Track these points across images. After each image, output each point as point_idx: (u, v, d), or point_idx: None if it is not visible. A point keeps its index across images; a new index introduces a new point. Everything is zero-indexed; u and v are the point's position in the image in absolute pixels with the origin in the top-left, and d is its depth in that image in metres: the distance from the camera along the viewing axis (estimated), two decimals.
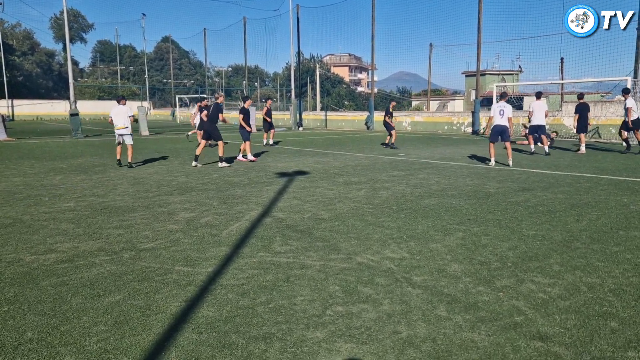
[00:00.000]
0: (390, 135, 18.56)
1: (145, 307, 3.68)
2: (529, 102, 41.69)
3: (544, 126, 15.91)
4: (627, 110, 15.28)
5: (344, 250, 5.13)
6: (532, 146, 15.77)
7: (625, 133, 15.79)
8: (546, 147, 15.40)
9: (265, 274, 4.42)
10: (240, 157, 13.99)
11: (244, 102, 14.90)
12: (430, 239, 5.54)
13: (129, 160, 12.34)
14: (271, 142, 19.82)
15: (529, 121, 16.30)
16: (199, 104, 19.44)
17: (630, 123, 15.37)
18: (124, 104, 12.48)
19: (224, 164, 12.43)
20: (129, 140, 12.36)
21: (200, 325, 3.40)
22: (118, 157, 12.44)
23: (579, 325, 3.37)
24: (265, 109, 19.86)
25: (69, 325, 3.38)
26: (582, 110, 16.22)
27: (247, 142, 14.04)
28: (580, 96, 16.82)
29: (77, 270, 4.50)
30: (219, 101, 13.32)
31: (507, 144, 12.48)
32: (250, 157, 13.94)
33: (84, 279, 4.28)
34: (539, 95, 16.41)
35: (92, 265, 4.64)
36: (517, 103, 31.65)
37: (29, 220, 6.52)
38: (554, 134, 20.45)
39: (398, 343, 3.15)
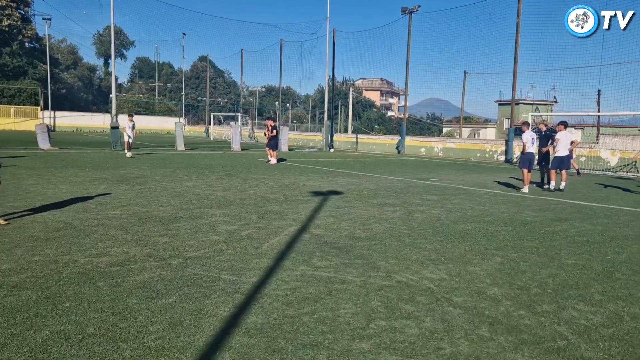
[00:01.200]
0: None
1: (197, 311, 3.85)
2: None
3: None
4: None
5: (383, 269, 5.23)
6: None
7: None
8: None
9: (308, 287, 4.55)
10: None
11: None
12: (469, 262, 5.59)
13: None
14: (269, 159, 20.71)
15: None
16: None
17: None
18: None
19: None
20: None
21: (250, 330, 3.54)
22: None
23: (624, 353, 3.39)
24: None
25: (127, 323, 3.57)
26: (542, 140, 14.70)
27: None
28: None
29: (129, 273, 4.72)
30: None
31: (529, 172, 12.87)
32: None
33: (137, 282, 4.49)
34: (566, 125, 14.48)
35: (143, 270, 4.86)
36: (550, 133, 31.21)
37: (79, 225, 6.84)
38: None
39: (442, 359, 3.23)
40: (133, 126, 21.70)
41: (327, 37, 35.81)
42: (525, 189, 12.68)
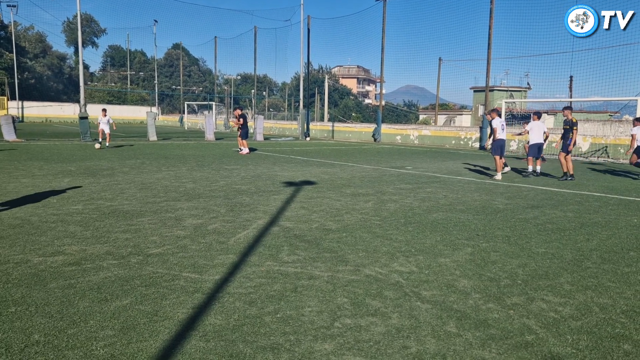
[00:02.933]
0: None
1: (153, 313, 3.65)
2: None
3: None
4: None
5: (352, 262, 5.10)
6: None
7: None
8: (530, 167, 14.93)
9: (273, 284, 4.38)
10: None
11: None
12: (439, 254, 5.49)
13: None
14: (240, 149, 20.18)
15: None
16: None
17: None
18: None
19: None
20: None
21: (208, 333, 3.37)
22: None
23: (592, 347, 3.32)
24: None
25: (76, 329, 3.36)
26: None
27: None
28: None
29: (84, 274, 4.49)
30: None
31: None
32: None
33: (92, 283, 4.26)
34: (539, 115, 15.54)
35: (100, 269, 4.63)
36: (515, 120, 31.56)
37: (37, 221, 6.53)
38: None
39: (407, 358, 3.11)
40: (108, 121, 20.91)
41: (301, 24, 35.40)
42: (498, 176, 12.77)
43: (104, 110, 21.52)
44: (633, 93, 25.53)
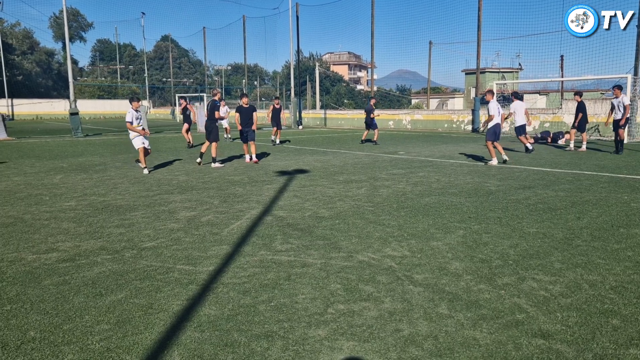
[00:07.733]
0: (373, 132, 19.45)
1: (148, 306, 3.68)
2: (529, 99, 41.68)
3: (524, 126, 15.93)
4: (625, 108, 15.19)
5: (345, 249, 5.14)
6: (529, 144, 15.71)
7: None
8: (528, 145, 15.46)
9: (267, 272, 4.42)
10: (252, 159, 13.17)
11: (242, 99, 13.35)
12: (431, 237, 5.54)
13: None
14: (277, 141, 19.68)
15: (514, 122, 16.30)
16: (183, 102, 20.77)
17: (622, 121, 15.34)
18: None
19: (217, 165, 12.08)
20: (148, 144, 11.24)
21: (202, 323, 3.40)
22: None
23: (581, 323, 3.37)
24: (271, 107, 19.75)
25: (72, 324, 3.39)
26: (583, 109, 16.38)
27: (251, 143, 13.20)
28: (579, 94, 16.86)
29: (78, 269, 4.51)
30: (215, 98, 12.49)
31: (497, 143, 12.70)
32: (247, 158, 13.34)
33: (86, 278, 4.28)
34: (518, 96, 16.41)
35: (94, 264, 4.65)
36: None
37: (30, 219, 6.53)
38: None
39: (400, 341, 3.15)
40: (225, 110, 20.31)
41: (289, 12, 35.14)
42: (494, 162, 12.47)
43: (222, 99, 21.13)
44: (624, 70, 25.58)
